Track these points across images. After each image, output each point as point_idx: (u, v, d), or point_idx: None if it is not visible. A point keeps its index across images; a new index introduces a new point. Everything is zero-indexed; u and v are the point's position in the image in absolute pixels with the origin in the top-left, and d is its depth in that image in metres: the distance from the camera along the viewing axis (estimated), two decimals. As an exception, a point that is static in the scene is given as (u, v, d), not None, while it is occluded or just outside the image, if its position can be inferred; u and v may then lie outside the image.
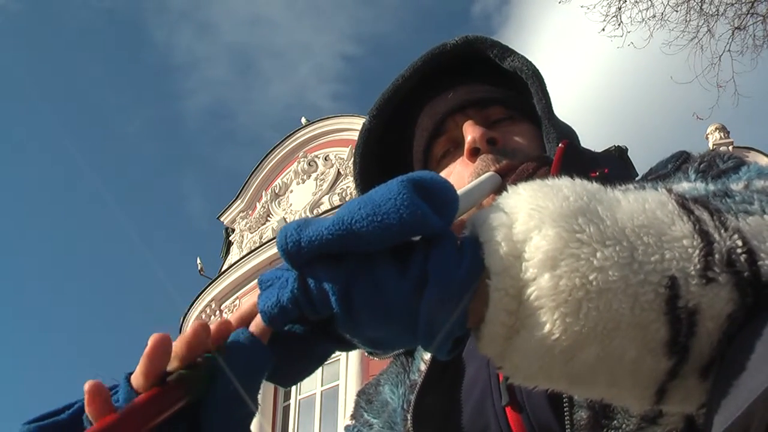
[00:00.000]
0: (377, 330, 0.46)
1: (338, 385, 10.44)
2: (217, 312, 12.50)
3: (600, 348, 0.42)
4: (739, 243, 0.43)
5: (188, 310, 12.69)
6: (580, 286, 0.42)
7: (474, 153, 0.86)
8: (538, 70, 0.90)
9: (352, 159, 0.98)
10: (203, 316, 12.39)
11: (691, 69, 7.79)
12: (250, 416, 0.48)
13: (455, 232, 0.48)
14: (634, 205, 0.45)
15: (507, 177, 0.81)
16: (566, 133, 0.89)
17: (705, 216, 0.45)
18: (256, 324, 0.48)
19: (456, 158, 0.90)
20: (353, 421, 0.89)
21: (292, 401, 11.03)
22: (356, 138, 0.97)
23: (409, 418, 0.74)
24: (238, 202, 14.03)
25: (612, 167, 0.84)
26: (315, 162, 13.31)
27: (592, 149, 0.92)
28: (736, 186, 0.52)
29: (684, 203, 0.46)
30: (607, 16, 7.23)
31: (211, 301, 12.48)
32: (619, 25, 7.25)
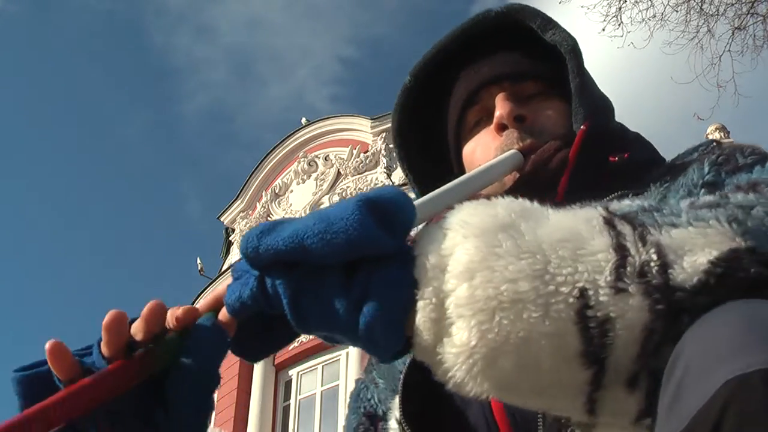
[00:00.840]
0: (326, 333, 0.50)
1: (338, 385, 10.45)
2: (217, 312, 12.49)
3: (516, 356, 0.44)
4: (654, 257, 0.44)
5: (188, 310, 12.69)
6: (493, 296, 0.44)
7: (501, 128, 0.86)
8: (577, 45, 0.88)
9: (391, 115, 1.00)
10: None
11: (691, 69, 7.76)
12: (214, 385, 0.54)
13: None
14: (561, 221, 0.48)
15: (529, 156, 0.82)
16: (599, 110, 0.87)
17: (627, 230, 0.46)
18: (223, 311, 0.53)
19: (487, 127, 0.90)
20: (365, 375, 0.91)
21: (292, 401, 11.03)
22: (356, 138, 0.98)
23: (400, 377, 0.75)
24: (238, 202, 14.04)
25: (635, 151, 0.84)
26: (315, 162, 13.30)
27: (627, 127, 0.91)
28: (684, 204, 0.52)
29: (610, 219, 0.48)
30: (607, 16, 7.21)
31: (211, 301, 12.48)
32: (619, 25, 7.23)
